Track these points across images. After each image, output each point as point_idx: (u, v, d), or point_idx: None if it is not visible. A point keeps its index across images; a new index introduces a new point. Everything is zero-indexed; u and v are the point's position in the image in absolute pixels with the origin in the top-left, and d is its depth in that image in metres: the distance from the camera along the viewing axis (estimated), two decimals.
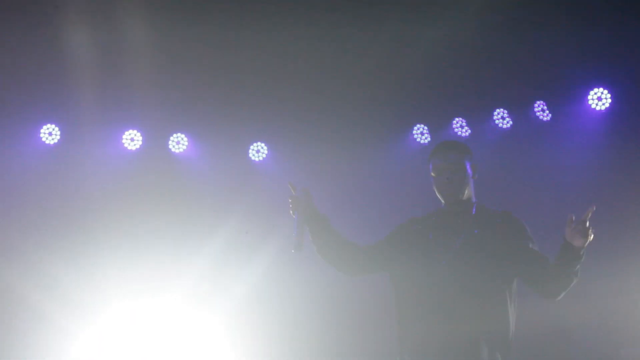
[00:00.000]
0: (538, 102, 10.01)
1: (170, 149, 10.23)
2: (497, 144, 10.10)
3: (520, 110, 10.08)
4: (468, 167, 5.08)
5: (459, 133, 10.13)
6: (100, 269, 9.66)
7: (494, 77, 9.76)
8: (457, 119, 10.16)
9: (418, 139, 10.24)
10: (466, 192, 5.08)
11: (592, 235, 4.69)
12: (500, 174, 9.73)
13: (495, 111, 10.10)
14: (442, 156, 5.06)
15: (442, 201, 5.15)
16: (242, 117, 10.02)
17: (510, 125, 10.10)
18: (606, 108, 9.85)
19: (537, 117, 10.01)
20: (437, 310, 4.87)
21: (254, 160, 10.35)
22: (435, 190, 5.15)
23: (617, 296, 9.32)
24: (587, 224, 4.66)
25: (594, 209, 4.69)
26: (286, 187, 5.61)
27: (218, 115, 10.00)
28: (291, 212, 5.39)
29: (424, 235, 5.12)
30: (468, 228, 5.01)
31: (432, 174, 5.10)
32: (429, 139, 10.23)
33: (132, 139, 10.11)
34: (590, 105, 9.87)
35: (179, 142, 10.22)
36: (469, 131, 10.15)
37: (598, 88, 9.84)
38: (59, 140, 9.98)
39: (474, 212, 5.07)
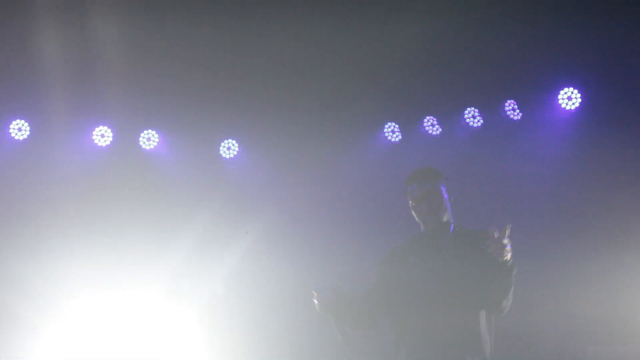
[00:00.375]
0: (509, 101, 10.05)
1: (140, 146, 10.20)
2: (468, 143, 10.13)
3: (491, 109, 10.12)
4: (444, 191, 5.32)
5: (430, 131, 10.16)
6: (70, 265, 9.60)
7: (465, 76, 9.79)
8: (428, 117, 10.19)
9: (389, 137, 10.26)
10: (445, 215, 5.30)
11: (509, 254, 4.80)
12: (470, 172, 9.77)
13: (466, 110, 10.13)
14: (418, 185, 5.31)
15: (422, 226, 5.36)
16: (213, 114, 10.00)
17: (481, 124, 10.14)
18: (576, 107, 9.89)
19: (508, 116, 10.04)
20: (423, 330, 5.12)
21: (225, 157, 10.33)
22: (415, 216, 5.38)
23: (583, 296, 9.38)
24: (505, 241, 4.75)
25: (510, 226, 4.78)
26: (257, 185, 5.64)
27: (189, 112, 9.98)
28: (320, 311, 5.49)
29: (406, 261, 5.31)
30: (446, 250, 5.22)
31: (410, 202, 5.34)
32: (399, 137, 10.25)
33: (102, 135, 10.06)
34: (561, 104, 9.92)
35: (149, 139, 10.18)
36: (440, 130, 10.18)
37: (568, 88, 9.89)
38: (28, 135, 9.92)
39: (451, 229, 5.29)
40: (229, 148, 10.32)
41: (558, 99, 9.93)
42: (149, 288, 9.74)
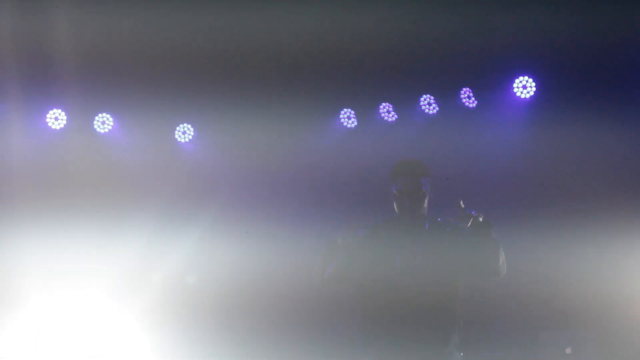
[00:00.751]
0: (464, 89, 10.10)
1: (95, 129, 10.10)
2: (424, 130, 10.18)
3: (446, 96, 10.17)
4: (427, 186, 5.48)
5: (386, 118, 10.18)
6: (22, 251, 9.52)
7: (421, 63, 9.82)
8: (383, 104, 10.20)
9: (345, 123, 10.26)
10: (423, 210, 5.48)
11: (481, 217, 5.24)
12: (426, 159, 9.79)
13: (422, 97, 10.16)
14: (405, 177, 5.46)
15: (398, 213, 5.49)
16: (168, 99, 9.94)
17: (437, 112, 10.18)
18: (531, 96, 9.98)
19: (464, 103, 10.10)
20: (397, 315, 5.26)
21: (180, 142, 10.28)
22: (395, 205, 5.50)
23: (536, 282, 9.49)
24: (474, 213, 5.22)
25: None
26: (212, 169, 5.64)
27: (144, 96, 9.89)
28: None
29: (378, 243, 5.41)
30: (420, 238, 5.40)
31: (395, 192, 5.46)
32: (355, 123, 10.26)
33: (56, 118, 9.97)
34: (516, 93, 9.99)
35: (104, 122, 10.09)
36: (396, 116, 10.20)
37: (523, 76, 9.97)
38: None
39: (427, 225, 5.46)
40: (185, 132, 10.27)
41: (513, 88, 10.00)
42: (103, 273, 9.68)
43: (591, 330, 9.01)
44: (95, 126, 10.09)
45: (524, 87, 9.97)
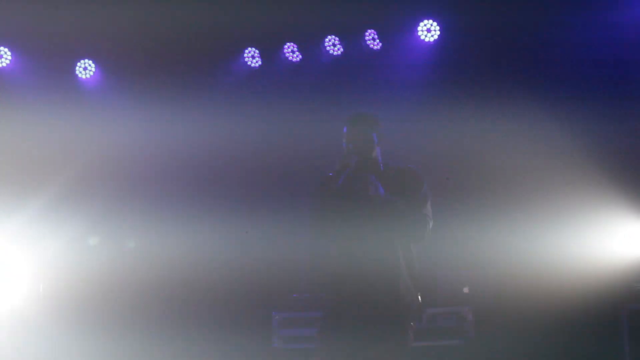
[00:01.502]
0: (369, 31, 10.11)
1: None
2: (329, 71, 10.19)
3: (351, 38, 10.16)
4: (375, 137, 5.66)
5: (290, 58, 10.16)
6: None
7: (326, 3, 9.77)
8: (288, 43, 10.16)
9: (249, 62, 10.20)
10: (371, 156, 5.65)
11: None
12: (330, 100, 9.86)
13: (326, 38, 10.15)
14: (352, 128, 5.66)
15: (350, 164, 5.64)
16: (68, 33, 9.73)
17: (341, 53, 10.18)
18: (435, 40, 10.03)
19: (368, 45, 10.10)
20: (352, 247, 5.48)
21: (81, 78, 10.11)
22: (344, 157, 5.64)
23: (462, 241, 9.63)
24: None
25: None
26: (114, 107, 5.60)
27: (43, 30, 9.66)
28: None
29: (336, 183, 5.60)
30: (372, 183, 5.50)
31: (344, 141, 5.66)
32: (259, 62, 10.22)
33: None
34: (420, 36, 10.03)
35: (1, 56, 9.86)
36: (300, 56, 10.19)
37: (427, 20, 10.01)
38: None
39: (382, 169, 5.67)
40: (86, 68, 10.10)
41: (417, 31, 10.03)
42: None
43: (488, 271, 9.17)
44: None
45: (428, 30, 10.01)
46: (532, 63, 9.85)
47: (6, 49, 9.87)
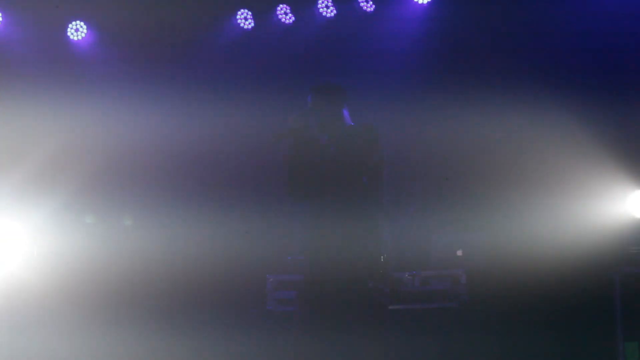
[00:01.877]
0: None
1: None
2: (322, 33, 10.15)
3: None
4: (345, 114, 5.59)
5: (283, 20, 10.11)
6: None
7: None
8: (281, 5, 10.11)
9: (242, 24, 10.16)
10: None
11: None
12: (325, 62, 9.86)
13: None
14: (311, 96, 5.58)
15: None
16: None
17: (335, 14, 10.14)
18: (428, 2, 9.99)
19: (361, 7, 10.06)
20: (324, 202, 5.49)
21: (72, 40, 10.03)
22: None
23: (457, 204, 9.68)
24: None
25: None
26: (106, 69, 5.57)
27: None
28: None
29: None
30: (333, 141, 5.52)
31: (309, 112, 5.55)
32: (252, 24, 10.17)
33: None
34: None
35: None
36: (293, 18, 10.15)
37: None
38: None
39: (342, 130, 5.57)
40: (77, 30, 10.03)
41: None
42: None
43: (482, 233, 9.19)
44: None
45: None
46: (532, 26, 9.79)
47: None
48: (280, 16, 10.12)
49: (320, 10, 10.10)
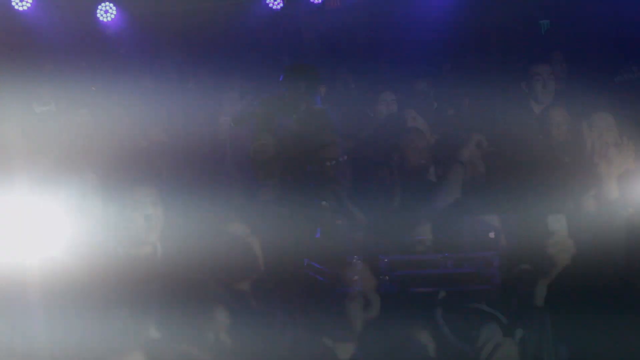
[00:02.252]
0: None
1: (13, 6, 9.79)
2: (349, 12, 10.08)
3: None
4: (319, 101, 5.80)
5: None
6: None
7: None
8: None
9: (270, 4, 10.16)
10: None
11: None
12: (350, 41, 9.87)
13: None
14: (286, 78, 5.73)
15: None
16: None
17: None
18: None
19: None
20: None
21: (102, 21, 10.04)
22: None
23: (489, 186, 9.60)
24: None
25: None
26: (135, 49, 5.61)
27: None
28: None
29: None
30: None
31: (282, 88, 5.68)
32: (281, 4, 10.16)
33: None
34: None
35: (22, 0, 9.79)
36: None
37: None
38: None
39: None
40: (107, 11, 10.04)
41: None
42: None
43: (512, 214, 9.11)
44: (14, 3, 9.79)
45: None
46: None
47: None
48: None
49: None
